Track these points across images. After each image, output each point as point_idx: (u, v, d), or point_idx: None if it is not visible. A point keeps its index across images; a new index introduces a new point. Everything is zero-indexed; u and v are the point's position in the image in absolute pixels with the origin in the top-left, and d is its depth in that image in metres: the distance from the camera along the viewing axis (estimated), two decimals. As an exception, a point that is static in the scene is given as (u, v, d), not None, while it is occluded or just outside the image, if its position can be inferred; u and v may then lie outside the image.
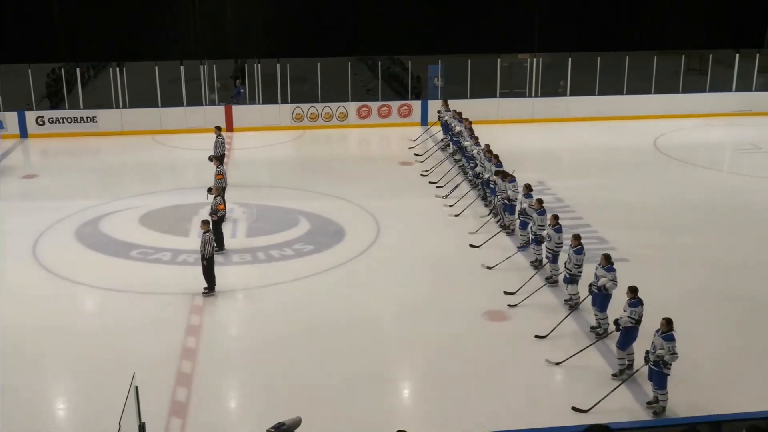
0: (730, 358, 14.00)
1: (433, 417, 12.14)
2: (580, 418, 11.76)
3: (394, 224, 20.51)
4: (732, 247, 19.07)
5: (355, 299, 16.36)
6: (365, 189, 23.47)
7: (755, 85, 33.49)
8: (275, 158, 27.53)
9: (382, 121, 31.30)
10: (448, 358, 13.95)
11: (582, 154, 28.18)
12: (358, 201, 22.23)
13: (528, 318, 15.31)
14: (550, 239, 16.50)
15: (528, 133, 30.39)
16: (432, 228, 20.38)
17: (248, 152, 27.89)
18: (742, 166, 26.99)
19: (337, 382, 13.17)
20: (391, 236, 19.76)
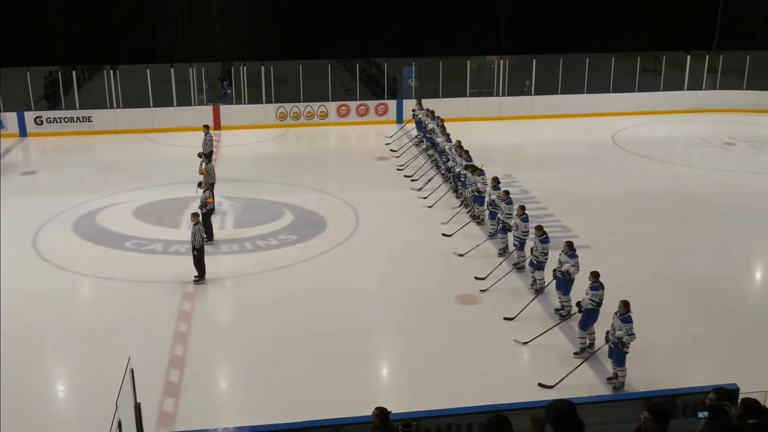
0: (685, 336, 14.12)
1: (410, 394, 12.15)
2: (546, 393, 11.82)
3: (372, 215, 20.48)
4: (685, 234, 19.21)
5: (336, 286, 16.33)
6: (345, 182, 23.42)
7: (705, 84, 33.71)
8: (260, 154, 27.41)
9: (361, 119, 31.24)
10: (423, 340, 13.96)
11: (546, 148, 28.27)
12: (339, 194, 22.19)
13: (497, 301, 15.35)
14: (517, 228, 16.55)
15: (496, 130, 30.43)
16: (407, 218, 20.37)
17: (235, 149, 27.75)
18: (693, 159, 27.18)
19: (320, 362, 13.15)
20: (370, 226, 19.74)
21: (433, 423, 9.72)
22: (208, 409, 11.99)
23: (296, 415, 9.86)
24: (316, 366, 13.05)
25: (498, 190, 18.18)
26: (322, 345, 13.75)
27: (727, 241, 18.86)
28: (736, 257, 18.21)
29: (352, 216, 20.44)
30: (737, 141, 28.48)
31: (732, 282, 16.61)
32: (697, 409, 9.46)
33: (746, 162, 25.96)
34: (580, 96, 32.41)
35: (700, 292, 15.93)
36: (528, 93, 32.84)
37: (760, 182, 23.62)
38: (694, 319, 14.79)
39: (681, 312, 15.08)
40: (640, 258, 17.66)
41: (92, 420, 11.16)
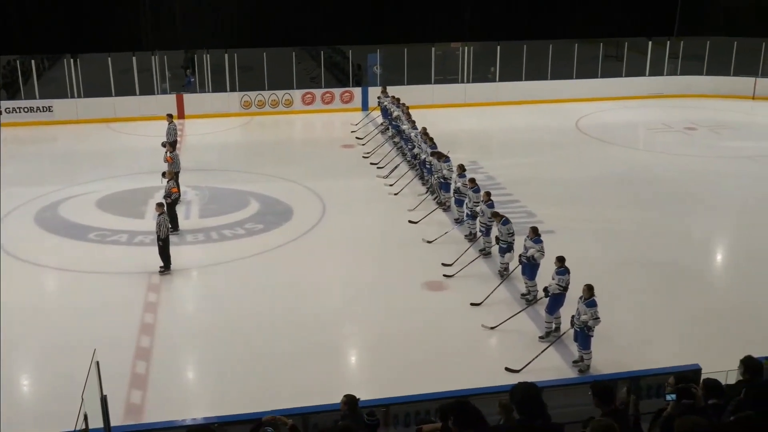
0: (649, 319, 14.30)
1: (379, 382, 12.19)
2: (513, 377, 11.88)
3: (339, 203, 20.45)
4: (648, 218, 19.44)
5: (304, 274, 16.30)
6: (311, 171, 23.33)
7: (666, 69, 34.06)
8: (225, 143, 27.21)
9: (326, 107, 31.12)
10: (391, 326, 14.00)
11: (511, 135, 28.40)
12: (304, 182, 22.11)
13: (464, 287, 15.42)
14: (483, 214, 16.62)
15: (461, 117, 30.50)
16: (373, 206, 20.37)
17: (199, 138, 27.51)
18: (654, 144, 27.48)
19: (288, 351, 13.14)
20: (336, 214, 19.71)
21: (402, 409, 9.77)
22: (176, 400, 11.93)
23: (265, 404, 9.84)
24: (285, 355, 13.04)
25: (464, 178, 18.24)
26: (289, 334, 13.73)
27: (689, 224, 19.13)
28: (699, 240, 18.49)
29: (319, 204, 20.40)
30: (698, 126, 28.84)
31: (695, 265, 16.85)
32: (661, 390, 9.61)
33: (707, 146, 26.30)
34: (544, 82, 32.59)
35: (664, 275, 16.14)
36: (492, 80, 32.92)
37: (720, 166, 23.96)
38: (658, 302, 14.99)
39: (645, 295, 15.28)
40: (604, 242, 17.84)
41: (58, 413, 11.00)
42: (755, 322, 13.83)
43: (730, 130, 28.49)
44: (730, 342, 12.95)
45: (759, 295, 15.06)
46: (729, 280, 16.74)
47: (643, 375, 10.33)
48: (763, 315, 14.37)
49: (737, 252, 18.20)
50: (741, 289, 15.81)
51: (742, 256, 17.66)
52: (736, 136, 27.82)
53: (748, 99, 32.96)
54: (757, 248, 17.58)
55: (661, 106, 32.14)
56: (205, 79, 30.81)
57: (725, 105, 32.09)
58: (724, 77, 33.30)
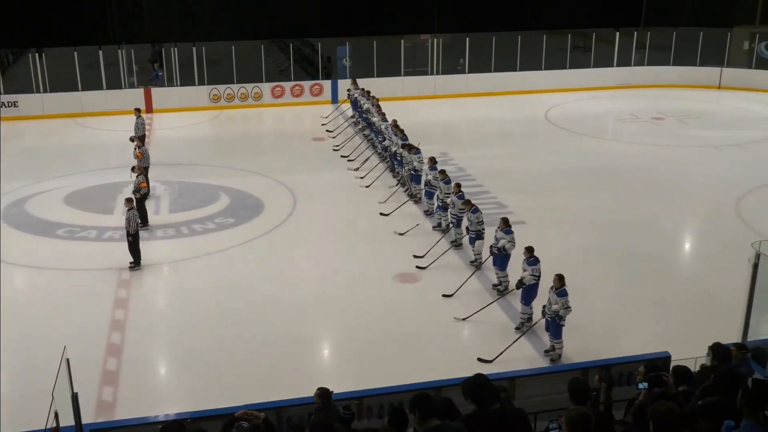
0: (620, 308, 14.44)
1: (352, 374, 12.19)
2: (485, 368, 11.96)
3: (310, 196, 20.40)
4: (618, 207, 19.61)
5: (275, 268, 16.26)
6: (281, 164, 23.25)
7: (634, 60, 34.34)
8: (194, 137, 27.00)
9: (295, 100, 31.01)
10: (364, 319, 14.01)
11: (480, 126, 28.48)
12: (275, 175, 22.02)
13: (436, 279, 15.46)
14: (453, 205, 16.66)
15: (431, 109, 30.53)
16: (344, 199, 20.34)
17: (168, 132, 27.26)
18: (623, 134, 27.70)
19: (260, 346, 13.10)
20: (307, 207, 19.66)
21: (375, 401, 9.78)
22: (148, 396, 11.85)
23: (237, 399, 9.81)
24: (256, 350, 13.00)
25: (434, 170, 18.27)
26: (261, 328, 13.69)
27: (658, 213, 19.32)
28: (668, 229, 18.69)
29: (290, 198, 20.33)
30: (665, 116, 29.12)
31: (664, 253, 17.04)
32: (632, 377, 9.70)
33: (674, 136, 26.56)
34: (513, 74, 32.70)
35: (633, 264, 16.29)
36: (462, 71, 32.99)
37: (687, 155, 24.22)
38: (628, 291, 15.13)
39: (615, 284, 15.42)
40: (574, 232, 17.97)
41: (28, 411, 10.89)
42: (722, 310, 13.96)
43: (696, 119, 28.80)
44: (698, 330, 13.07)
45: (725, 283, 15.20)
46: (697, 269, 16.93)
47: (614, 363, 10.42)
48: (730, 303, 14.48)
49: (704, 240, 18.40)
50: (708, 277, 15.98)
51: (709, 245, 17.86)
52: (702, 125, 28.14)
53: (714, 89, 33.35)
54: (723, 237, 17.78)
55: (629, 96, 32.41)
56: (174, 72, 30.55)
57: (692, 95, 32.44)
58: (691, 67, 33.66)
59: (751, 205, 19.69)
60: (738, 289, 12.21)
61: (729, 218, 18.91)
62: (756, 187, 20.93)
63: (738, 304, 12.09)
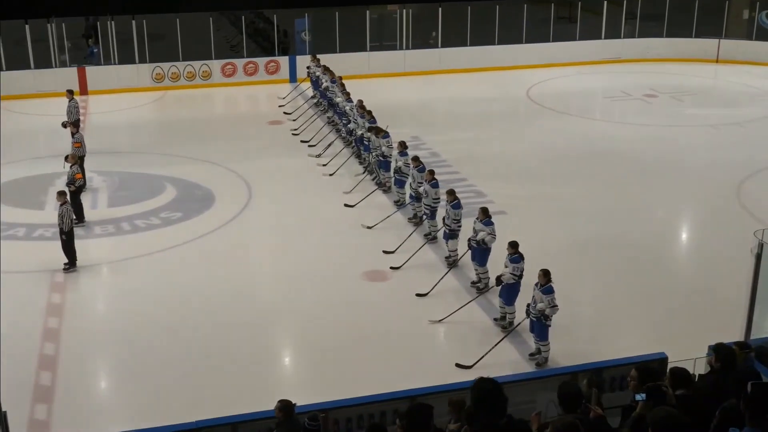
0: (610, 305, 14.59)
1: (317, 384, 12.17)
2: (464, 374, 12.00)
3: (266, 186, 20.33)
4: (608, 194, 19.77)
5: (229, 267, 16.18)
6: (234, 151, 23.13)
7: (623, 32, 34.59)
8: (136, 122, 26.77)
9: (249, 79, 30.85)
10: (329, 323, 14.00)
11: (456, 106, 28.54)
12: (227, 164, 21.90)
13: (408, 277, 15.48)
14: (427, 195, 16.68)
15: (401, 87, 30.53)
16: (305, 189, 20.29)
17: (106, 116, 27.00)
18: (612, 114, 27.93)
19: (214, 354, 13.04)
20: (264, 199, 19.59)
21: (343, 414, 9.79)
22: (87, 413, 11.76)
23: (188, 415, 9.76)
24: (209, 359, 12.93)
25: (405, 156, 18.28)
26: (214, 336, 13.62)
27: (652, 201, 19.49)
28: (662, 218, 18.88)
29: (244, 188, 20.24)
30: (659, 92, 29.38)
31: (658, 245, 17.21)
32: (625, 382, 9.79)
33: (669, 115, 26.81)
34: (491, 48, 32.77)
35: (625, 256, 16.44)
36: (434, 45, 33.01)
37: (684, 136, 24.47)
38: (620, 286, 15.28)
39: (605, 279, 15.57)
40: (560, 222, 18.08)
41: (-50, 434, 10.79)
42: (723, 306, 14.14)
43: (692, 96, 29.10)
44: (696, 328, 13.27)
45: (726, 275, 15.39)
46: (695, 261, 17.15)
47: (606, 366, 10.52)
48: (731, 297, 14.65)
49: (703, 230, 18.62)
50: (707, 270, 16.19)
51: (707, 234, 18.07)
52: (699, 103, 28.44)
53: (712, 63, 33.71)
54: (723, 225, 18.00)
55: (619, 71, 32.65)
56: (111, 49, 30.22)
57: (687, 69, 32.75)
58: (686, 39, 33.97)
59: (753, 191, 19.95)
60: (740, 283, 12.37)
61: (729, 205, 19.12)
62: (758, 170, 21.21)
63: (740, 299, 12.25)
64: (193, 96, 29.68)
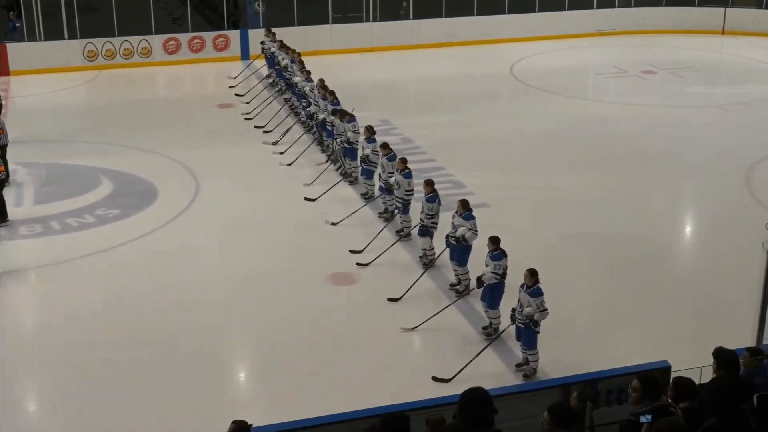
0: (606, 308, 14.63)
1: (275, 402, 12.15)
2: (442, 389, 11.99)
3: (216, 179, 20.26)
4: (602, 184, 19.89)
5: (175, 270, 16.13)
6: (178, 138, 23.09)
7: (618, 0, 34.78)
8: (65, 106, 26.64)
9: (195, 56, 30.77)
10: (289, 332, 13.96)
11: (430, 86, 28.57)
12: (171, 153, 21.83)
13: (378, 279, 15.49)
14: (399, 186, 16.67)
15: (368, 65, 30.55)
16: (261, 181, 20.26)
17: (31, 100, 26.86)
18: (607, 93, 28.12)
19: (154, 372, 12.94)
20: (213, 193, 19.54)
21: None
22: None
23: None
24: (150, 377, 12.83)
25: (373, 142, 18.28)
26: (155, 349, 13.51)
27: (651, 190, 19.65)
28: (663, 210, 19.04)
29: (190, 181, 20.17)
30: (658, 68, 29.60)
31: (659, 240, 17.32)
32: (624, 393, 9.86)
33: (669, 94, 27.04)
34: (470, 19, 32.85)
35: (623, 254, 16.51)
36: (406, 17, 33.03)
37: (685, 117, 24.68)
38: (617, 287, 15.35)
39: (601, 280, 15.63)
40: (549, 216, 18.16)
41: None
42: (732, 308, 14.24)
43: (695, 72, 29.35)
44: (702, 333, 13.35)
45: (735, 274, 15.51)
46: (700, 258, 17.27)
47: (601, 377, 10.56)
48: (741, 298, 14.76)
49: (708, 223, 18.75)
50: (714, 268, 16.30)
51: (714, 228, 18.19)
52: (703, 80, 28.71)
53: (717, 34, 34.02)
54: (731, 217, 18.15)
55: (613, 45, 32.87)
56: (36, 23, 29.97)
57: (690, 42, 33.02)
58: (688, 8, 34.26)
59: (765, 178, 20.18)
60: (751, 281, 12.44)
61: (738, 194, 19.33)
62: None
63: (751, 300, 12.32)
64: (130, 76, 29.55)
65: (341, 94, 21.21)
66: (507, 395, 10.44)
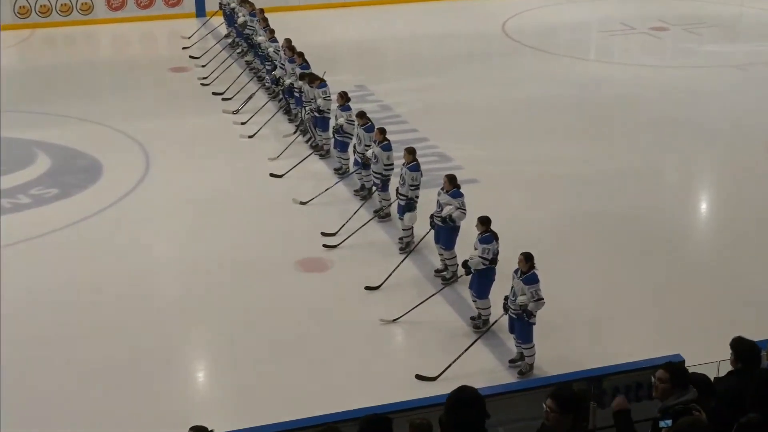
0: (611, 297, 14.69)
1: (239, 406, 12.18)
2: (427, 388, 12.02)
3: (169, 153, 20.25)
4: (606, 156, 19.95)
5: (123, 257, 16.06)
6: (125, 107, 23.00)
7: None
8: (-5, 71, 26.50)
9: (143, 13, 30.60)
10: (254, 327, 13.97)
11: (412, 46, 28.55)
12: (116, 124, 21.76)
13: (354, 265, 15.53)
14: (377, 160, 16.67)
15: (340, 22, 30.47)
16: (220, 155, 20.22)
17: (-45, 64, 26.70)
18: (612, 52, 28.14)
19: (103, 371, 12.94)
20: (166, 169, 19.52)
21: (273, 442, 9.81)
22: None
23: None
24: (97, 377, 12.83)
25: (348, 110, 18.27)
26: (103, 346, 13.48)
27: (660, 163, 19.75)
28: (674, 185, 19.13)
29: (140, 155, 20.12)
30: (669, 24, 29.66)
31: (668, 220, 17.37)
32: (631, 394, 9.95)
33: (682, 53, 27.14)
34: (456, -31, 32.83)
35: (628, 235, 16.59)
36: (383, -33, 32.97)
37: (703, 80, 24.74)
38: (624, 272, 15.41)
39: (605, 264, 15.69)
40: (547, 193, 18.20)
41: None
42: (753, 296, 14.35)
43: (712, 29, 29.40)
44: (720, 324, 13.36)
45: (757, 258, 15.64)
46: (717, 240, 17.36)
47: (606, 374, 10.64)
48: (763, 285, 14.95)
49: (727, 201, 18.84)
50: (733, 251, 16.33)
51: (733, 207, 18.28)
52: (720, 37, 28.75)
53: (736, -15, 34.13)
54: (752, 196, 18.27)
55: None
56: (-43, -25, 29.79)
57: (706, -6, 33.11)
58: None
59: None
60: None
61: (761, 167, 19.45)
62: (796, 124, 21.61)
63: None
64: (69, 36, 29.41)
65: (311, 56, 21.16)
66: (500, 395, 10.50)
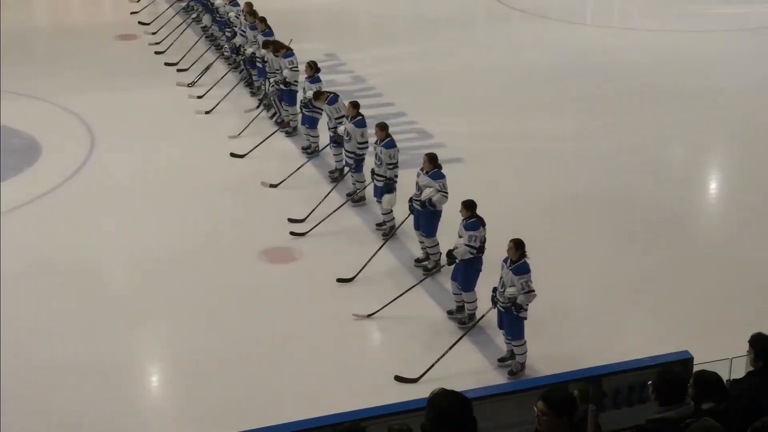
0: (611, 287, 14.77)
1: (198, 413, 12.18)
2: (407, 390, 12.04)
3: (116, 130, 20.20)
4: (604, 132, 20.03)
5: (66, 247, 16.06)
6: (67, 79, 22.98)
7: None
8: None
9: (86, -27, 30.54)
10: (216, 323, 13.95)
11: (387, 9, 28.54)
12: (57, 98, 21.72)
13: (326, 254, 15.55)
14: (350, 137, 16.66)
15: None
16: (174, 132, 20.22)
17: None
18: (610, 16, 28.19)
19: (45, 374, 12.92)
20: (113, 149, 19.49)
21: (236, 453, 9.85)
22: None
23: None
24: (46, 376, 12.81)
25: (318, 81, 18.26)
26: (43, 348, 13.44)
27: (668, 140, 19.81)
28: (681, 163, 19.21)
29: (84, 133, 20.08)
30: (675, -16, 29.79)
31: (678, 203, 17.47)
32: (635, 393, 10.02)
33: (689, 16, 27.21)
34: None
35: (629, 219, 16.67)
36: None
37: (712, 46, 24.82)
38: (625, 260, 15.47)
39: (604, 252, 15.74)
40: (539, 173, 18.27)
41: None
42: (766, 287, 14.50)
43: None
44: (730, 318, 13.48)
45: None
46: (726, 226, 17.43)
47: (606, 373, 10.71)
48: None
49: (737, 182, 18.97)
50: (744, 238, 16.39)
51: (744, 189, 18.38)
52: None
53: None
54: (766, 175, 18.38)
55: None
56: None
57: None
58: None
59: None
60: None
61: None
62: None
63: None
64: (3, 0, 29.29)
65: (275, 22, 21.12)
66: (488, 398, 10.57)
